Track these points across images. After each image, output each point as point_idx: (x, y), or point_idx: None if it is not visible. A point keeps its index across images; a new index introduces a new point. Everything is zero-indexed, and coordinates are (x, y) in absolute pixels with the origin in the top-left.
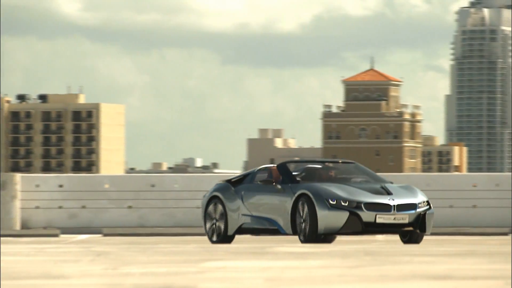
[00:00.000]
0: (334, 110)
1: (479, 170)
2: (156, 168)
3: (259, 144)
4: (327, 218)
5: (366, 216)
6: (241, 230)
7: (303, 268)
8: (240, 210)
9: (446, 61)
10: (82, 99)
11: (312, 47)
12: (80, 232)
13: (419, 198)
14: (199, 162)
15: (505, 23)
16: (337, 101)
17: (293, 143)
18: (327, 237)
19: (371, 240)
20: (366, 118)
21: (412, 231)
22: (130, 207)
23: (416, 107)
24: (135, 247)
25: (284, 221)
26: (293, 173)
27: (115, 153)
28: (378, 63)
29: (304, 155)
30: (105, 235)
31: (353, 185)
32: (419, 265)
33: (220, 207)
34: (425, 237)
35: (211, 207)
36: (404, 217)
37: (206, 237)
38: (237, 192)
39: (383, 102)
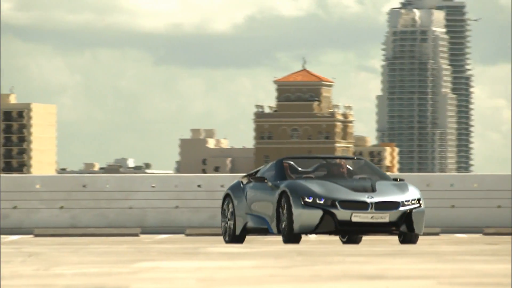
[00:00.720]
0: (266, 110)
1: (410, 170)
2: (88, 168)
3: (192, 145)
4: (301, 216)
5: (341, 214)
6: (246, 230)
7: (235, 268)
8: (244, 209)
9: (377, 62)
10: (13, 99)
11: (245, 48)
12: (11, 232)
13: (407, 195)
14: (131, 163)
15: (435, 24)
16: (270, 101)
17: (225, 144)
18: (352, 238)
19: (304, 240)
20: (298, 119)
21: (399, 230)
22: (61, 207)
23: (348, 107)
24: (66, 248)
25: (271, 220)
26: (307, 170)
27: (46, 154)
28: (310, 64)
29: (236, 155)
30: (37, 235)
31: (341, 182)
32: (351, 265)
33: (231, 205)
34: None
35: (224, 206)
36: (383, 216)
37: (138, 238)
38: (244, 190)
39: (315, 103)
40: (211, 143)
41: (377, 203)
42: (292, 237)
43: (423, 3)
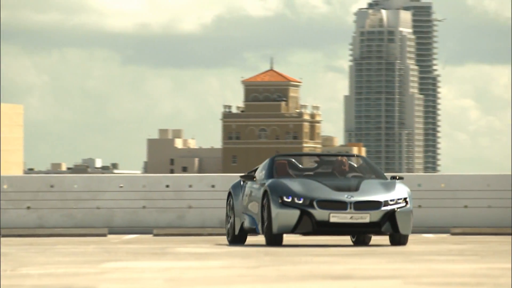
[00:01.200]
0: (234, 110)
1: None
2: (55, 168)
3: (159, 145)
4: (278, 216)
5: (319, 214)
6: (243, 230)
7: (203, 268)
8: (242, 208)
9: (345, 62)
10: None
11: (213, 48)
12: None
13: (391, 195)
14: (98, 163)
15: (402, 24)
16: (238, 101)
17: (193, 144)
18: (360, 239)
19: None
20: (266, 119)
21: (381, 231)
22: (28, 207)
23: (316, 107)
24: (34, 248)
25: (258, 220)
26: (308, 168)
27: (13, 154)
28: (278, 64)
29: (204, 156)
30: (4, 236)
31: (327, 180)
32: (319, 265)
33: (231, 204)
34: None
35: (227, 206)
36: (363, 216)
37: (105, 238)
38: (242, 188)
39: (283, 103)
40: (178, 143)
41: (356, 202)
42: (271, 238)
43: (390, 3)
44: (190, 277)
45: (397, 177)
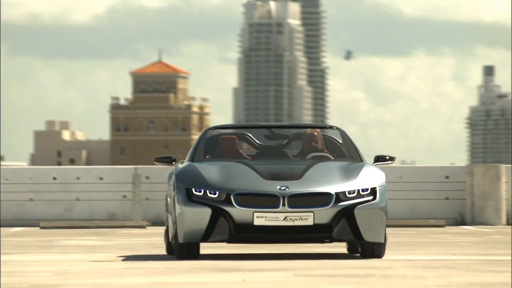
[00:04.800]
0: (122, 102)
1: None
2: None
3: (46, 137)
4: (183, 217)
5: (240, 214)
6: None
7: (91, 261)
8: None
9: (235, 54)
10: None
11: (105, 39)
12: None
13: (351, 184)
14: None
15: (291, 16)
16: (128, 93)
17: (81, 136)
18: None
19: (161, 233)
20: (154, 111)
21: (331, 238)
22: None
23: (205, 99)
24: None
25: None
26: (270, 145)
27: None
28: (171, 55)
29: (92, 148)
30: None
31: (264, 164)
32: (208, 258)
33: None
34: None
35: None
36: (303, 216)
37: None
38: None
39: (171, 95)
40: (66, 135)
41: (293, 196)
42: (178, 249)
43: None
44: (78, 270)
45: (387, 158)
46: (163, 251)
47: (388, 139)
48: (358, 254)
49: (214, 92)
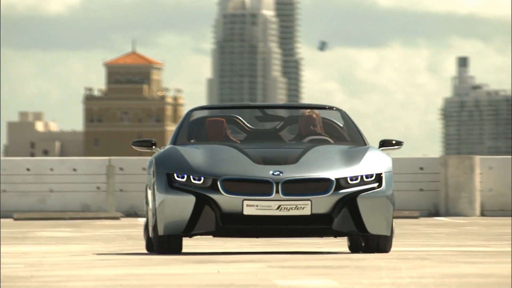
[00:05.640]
0: (96, 93)
1: None
2: None
3: (19, 128)
4: (164, 206)
5: (227, 203)
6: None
7: (65, 253)
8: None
9: (209, 45)
10: None
11: (80, 30)
12: None
13: (354, 169)
14: None
15: (265, 7)
16: (101, 84)
17: (54, 127)
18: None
19: (133, 224)
20: (128, 102)
21: (332, 230)
22: None
23: (179, 90)
24: None
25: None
26: (263, 129)
27: None
28: (146, 46)
29: (66, 139)
30: None
31: (255, 147)
32: (182, 250)
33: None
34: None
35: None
36: (299, 205)
37: None
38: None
39: (145, 86)
40: (39, 126)
41: (288, 182)
42: (159, 242)
43: None
44: (51, 262)
45: (393, 142)
46: (137, 242)
47: (363, 131)
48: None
49: (188, 83)
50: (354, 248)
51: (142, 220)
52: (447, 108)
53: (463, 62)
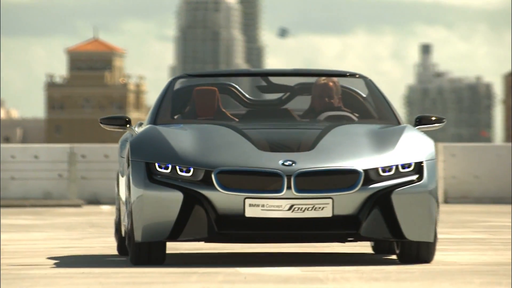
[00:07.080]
0: (57, 80)
1: None
2: None
3: None
4: (142, 206)
5: (225, 201)
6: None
7: (26, 240)
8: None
9: (172, 32)
10: None
11: (41, 15)
12: None
13: (387, 157)
14: None
15: None
16: (63, 71)
17: (15, 114)
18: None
19: (97, 212)
20: (90, 89)
21: (360, 235)
22: None
23: (141, 77)
24: None
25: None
26: (266, 100)
27: None
28: (109, 33)
29: (27, 126)
30: None
31: (257, 127)
32: None
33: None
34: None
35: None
36: (317, 205)
37: None
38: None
39: (107, 73)
40: (0, 113)
41: (302, 175)
42: (135, 250)
43: None
44: (13, 250)
45: (433, 118)
46: (100, 230)
47: None
48: (395, 257)
49: (151, 70)
50: (379, 249)
51: (105, 208)
52: (410, 95)
53: (426, 49)
